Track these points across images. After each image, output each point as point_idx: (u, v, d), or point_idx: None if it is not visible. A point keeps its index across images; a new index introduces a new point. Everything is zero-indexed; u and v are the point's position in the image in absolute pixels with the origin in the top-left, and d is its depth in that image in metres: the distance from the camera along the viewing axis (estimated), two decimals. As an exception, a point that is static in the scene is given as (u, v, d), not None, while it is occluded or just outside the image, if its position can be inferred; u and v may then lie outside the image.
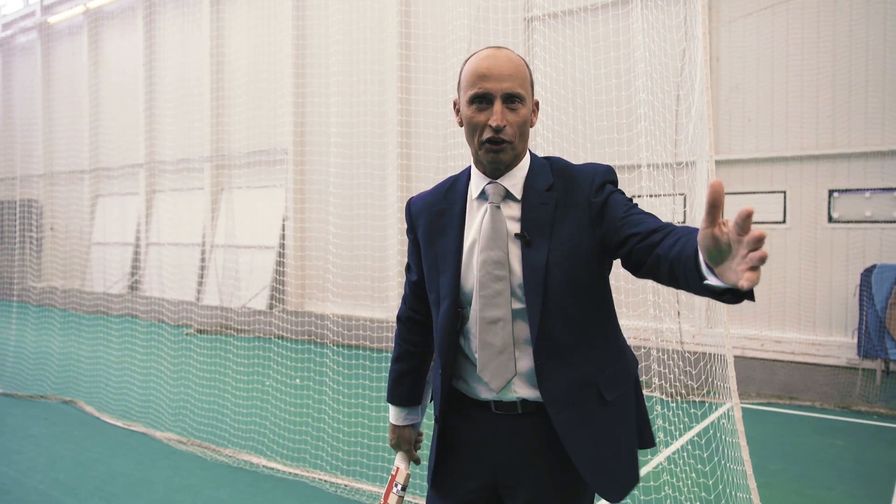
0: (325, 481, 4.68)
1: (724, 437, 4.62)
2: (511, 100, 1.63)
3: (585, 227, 1.64)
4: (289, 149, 11.80)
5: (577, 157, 8.18)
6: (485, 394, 1.75)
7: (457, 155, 7.36)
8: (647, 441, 1.85)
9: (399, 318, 2.04)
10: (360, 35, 10.34)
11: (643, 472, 4.86)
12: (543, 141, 6.61)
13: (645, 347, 6.88)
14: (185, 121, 13.42)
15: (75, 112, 16.35)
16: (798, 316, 7.63)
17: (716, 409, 6.49)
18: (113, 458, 5.25)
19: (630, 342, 6.60)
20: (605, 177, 1.69)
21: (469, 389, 1.79)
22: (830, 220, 7.48)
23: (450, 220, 1.77)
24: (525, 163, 1.75)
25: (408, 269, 1.99)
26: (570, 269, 1.64)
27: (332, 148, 9.37)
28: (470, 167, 1.82)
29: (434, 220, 1.81)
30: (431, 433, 1.86)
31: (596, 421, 1.68)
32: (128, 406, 6.71)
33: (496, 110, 1.61)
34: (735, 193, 7.90)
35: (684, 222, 7.82)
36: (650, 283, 7.00)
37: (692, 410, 6.28)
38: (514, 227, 1.68)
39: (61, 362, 8.66)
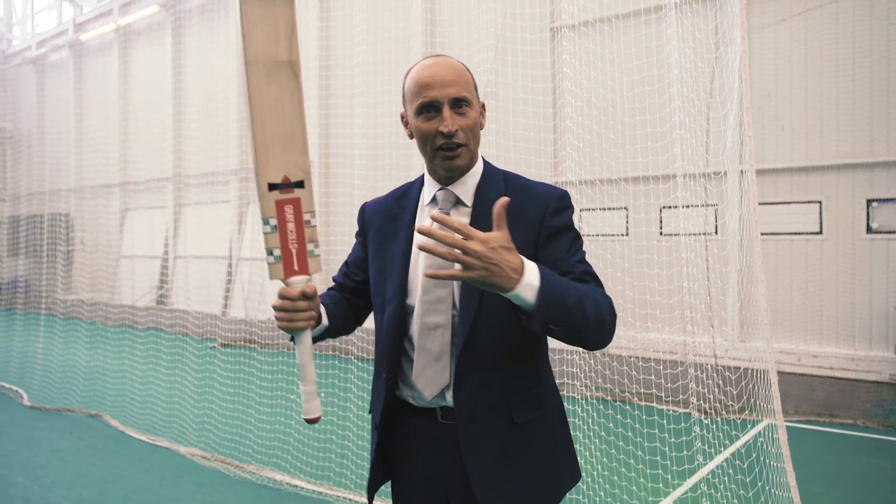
0: (350, 500, 4.57)
1: (764, 457, 4.43)
2: (458, 104, 1.63)
3: (531, 244, 1.63)
4: (314, 161, 11.80)
5: (609, 168, 8.05)
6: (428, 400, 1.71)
7: (481, 154, 7.25)
8: (569, 477, 1.77)
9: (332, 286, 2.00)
10: (384, 45, 10.32)
11: (679, 492, 4.68)
12: (573, 151, 6.49)
13: (682, 363, 6.70)
14: (212, 134, 13.51)
15: (105, 127, 16.59)
16: (836, 330, 7.37)
17: (754, 426, 6.27)
18: (137, 473, 5.19)
19: (664, 357, 6.42)
20: (560, 201, 1.67)
21: (415, 396, 1.73)
22: (869, 230, 7.23)
23: (400, 225, 1.77)
24: (478, 169, 1.74)
25: (344, 265, 1.98)
26: None
27: (356, 160, 9.32)
28: (422, 177, 1.82)
29: (385, 224, 1.80)
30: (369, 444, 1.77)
31: (501, 442, 1.63)
32: (152, 420, 6.66)
33: (445, 116, 1.61)
34: (769, 204, 7.68)
35: (716, 233, 7.63)
36: (686, 297, 6.83)
37: (727, 428, 6.06)
38: None
39: (88, 375, 8.68)
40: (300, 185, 1.54)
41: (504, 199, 1.39)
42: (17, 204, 18.20)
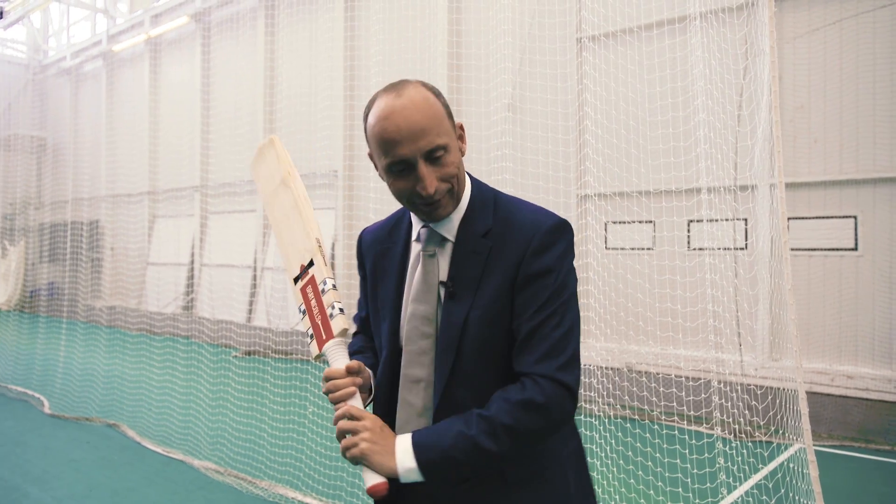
0: (361, 521, 4.46)
1: (794, 481, 4.22)
2: (434, 155, 1.39)
3: (508, 290, 1.43)
4: (339, 171, 11.79)
5: (631, 182, 7.88)
6: None
7: (502, 168, 7.13)
8: None
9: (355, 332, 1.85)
10: (407, 56, 10.28)
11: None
12: (594, 165, 6.34)
13: (705, 380, 6.48)
14: (239, 144, 13.59)
15: (135, 136, 16.83)
16: (872, 350, 7.09)
17: (784, 449, 6.03)
18: (149, 486, 5.14)
19: (689, 373, 6.21)
20: (547, 237, 1.42)
21: None
22: (908, 246, 6.95)
23: (390, 263, 1.60)
24: (465, 199, 1.52)
25: (359, 303, 1.80)
26: (487, 334, 1.44)
27: (371, 173, 9.29)
28: None
29: (378, 260, 1.64)
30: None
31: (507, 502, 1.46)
32: (168, 431, 6.63)
33: (422, 175, 1.38)
34: (800, 218, 7.44)
35: (745, 249, 7.40)
36: (710, 307, 6.62)
37: (758, 450, 5.83)
38: (445, 275, 1.50)
39: (107, 382, 8.71)
40: (311, 264, 1.57)
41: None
42: (52, 211, 18.53)
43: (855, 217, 7.25)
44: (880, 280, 7.07)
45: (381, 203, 9.07)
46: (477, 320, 1.43)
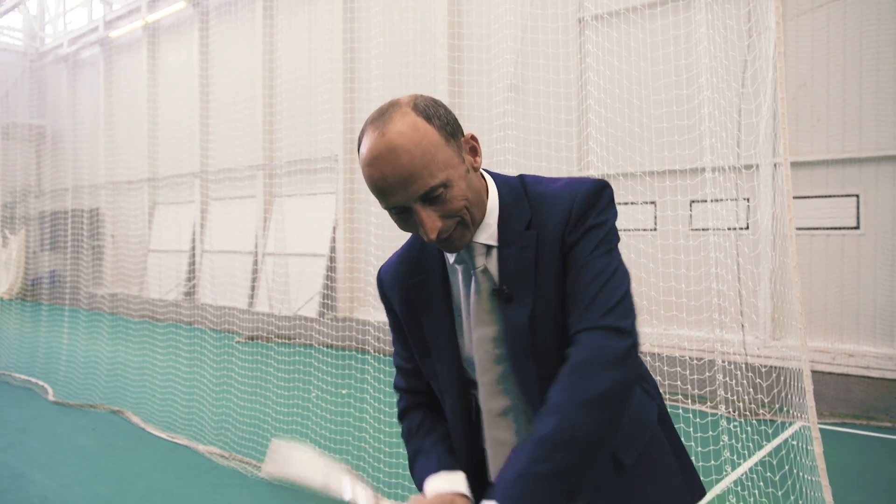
0: (367, 503, 4.46)
1: (798, 457, 4.23)
2: (431, 195, 1.21)
3: (563, 268, 1.30)
4: (339, 155, 11.74)
5: (634, 162, 7.83)
6: None
7: (504, 150, 7.09)
8: (697, 494, 1.47)
9: (403, 411, 1.56)
10: (407, 38, 10.20)
11: (707, 498, 4.50)
12: (596, 145, 6.31)
13: (709, 359, 6.48)
14: (238, 129, 13.54)
15: (134, 122, 16.77)
16: (873, 328, 7.09)
17: (788, 427, 6.04)
18: (155, 472, 5.16)
19: (693, 353, 6.16)
20: (585, 204, 1.29)
21: None
22: (910, 225, 6.93)
23: (431, 295, 1.40)
24: (494, 200, 1.35)
25: (397, 358, 1.57)
26: (559, 326, 1.30)
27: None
28: None
29: (413, 295, 1.42)
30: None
31: (622, 494, 1.35)
32: (172, 417, 6.65)
33: (422, 221, 1.22)
34: (803, 197, 7.41)
35: (748, 228, 7.38)
36: (714, 285, 6.60)
37: (763, 427, 5.84)
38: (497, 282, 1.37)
39: (111, 369, 8.74)
40: None
41: None
42: (52, 199, 18.51)
43: (857, 196, 7.22)
44: (882, 259, 7.05)
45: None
46: (543, 315, 1.30)
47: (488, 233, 1.34)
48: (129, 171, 16.90)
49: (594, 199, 1.30)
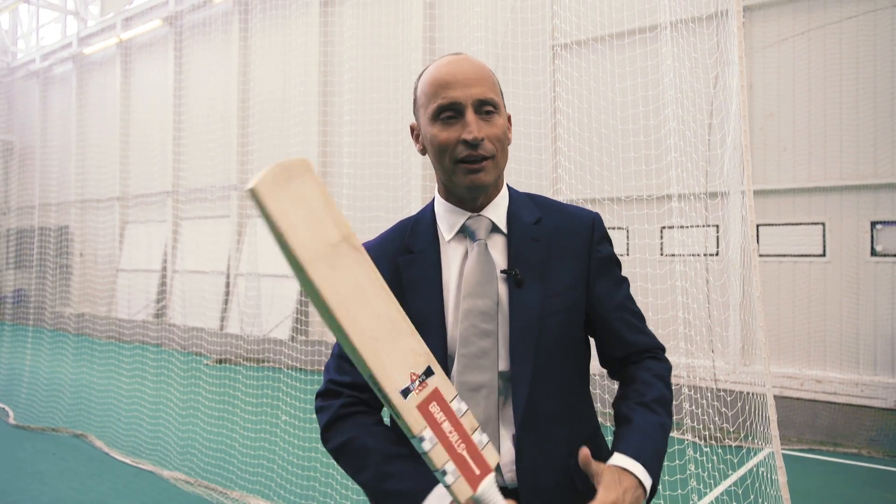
0: (333, 531, 4.41)
1: (764, 487, 4.25)
2: (484, 108, 1.33)
3: (583, 277, 1.43)
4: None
5: (602, 190, 7.91)
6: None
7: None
8: None
9: (336, 418, 1.41)
10: (381, 62, 10.26)
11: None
12: (565, 173, 6.37)
13: (676, 385, 6.52)
14: (212, 150, 13.45)
15: (106, 140, 16.57)
16: (839, 354, 7.20)
17: (754, 454, 6.09)
18: (117, 498, 5.04)
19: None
20: (603, 227, 1.49)
21: None
22: (874, 253, 7.08)
23: (422, 272, 1.40)
24: (506, 191, 1.47)
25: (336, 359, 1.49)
26: (566, 323, 1.39)
27: (344, 179, 9.25)
28: (431, 206, 1.48)
29: (400, 273, 1.41)
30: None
31: None
32: (137, 441, 6.52)
33: (469, 121, 1.31)
34: (770, 225, 7.55)
35: (716, 255, 7.48)
36: (680, 313, 6.66)
37: (728, 456, 5.88)
38: (502, 267, 1.40)
39: (74, 391, 8.54)
40: (428, 372, 1.15)
41: (586, 452, 1.24)
42: (20, 216, 18.18)
43: (823, 224, 7.37)
44: (847, 286, 7.18)
45: (354, 199, 9.06)
46: (555, 309, 1.37)
47: (497, 213, 1.42)
48: (99, 189, 16.67)
49: (605, 228, 1.49)
